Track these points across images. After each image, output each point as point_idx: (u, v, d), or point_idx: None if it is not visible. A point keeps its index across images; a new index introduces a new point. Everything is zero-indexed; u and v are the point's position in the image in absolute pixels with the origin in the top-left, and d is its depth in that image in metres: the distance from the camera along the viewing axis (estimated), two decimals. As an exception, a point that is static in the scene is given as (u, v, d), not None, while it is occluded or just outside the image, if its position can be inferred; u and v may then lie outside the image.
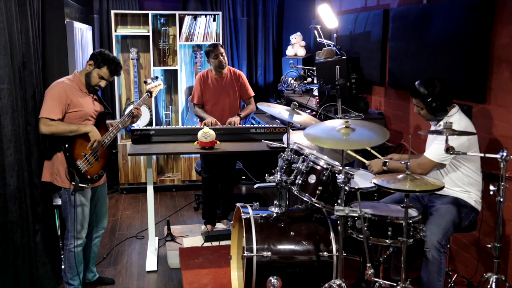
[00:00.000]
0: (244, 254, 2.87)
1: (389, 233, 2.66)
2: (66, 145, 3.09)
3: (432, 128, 3.17)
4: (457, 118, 2.94)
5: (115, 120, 3.46)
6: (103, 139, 3.23)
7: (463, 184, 2.98)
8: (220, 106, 4.51)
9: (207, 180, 4.52)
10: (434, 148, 2.94)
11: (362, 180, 3.26)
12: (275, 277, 2.86)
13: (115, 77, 5.62)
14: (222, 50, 4.45)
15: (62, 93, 3.09)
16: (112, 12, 5.60)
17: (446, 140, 2.61)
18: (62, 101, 3.07)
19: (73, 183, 3.09)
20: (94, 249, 3.53)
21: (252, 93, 4.65)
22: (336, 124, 2.84)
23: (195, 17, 5.79)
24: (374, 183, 2.55)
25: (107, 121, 3.40)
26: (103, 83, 3.24)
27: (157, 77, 4.00)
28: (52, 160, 3.17)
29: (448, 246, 2.95)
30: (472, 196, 2.98)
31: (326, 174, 2.95)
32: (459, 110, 3.01)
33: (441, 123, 3.00)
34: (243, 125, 4.41)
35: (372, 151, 3.31)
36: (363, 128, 2.80)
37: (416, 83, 3.01)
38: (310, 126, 2.98)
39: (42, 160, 3.31)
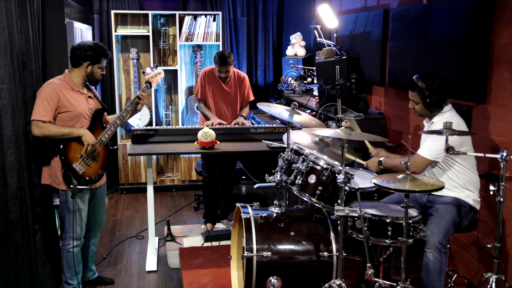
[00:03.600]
0: (244, 254, 2.87)
1: (389, 233, 2.66)
2: (61, 147, 3.06)
3: (426, 125, 3.18)
4: (449, 116, 2.97)
5: (113, 116, 3.43)
6: (100, 138, 3.21)
7: (460, 183, 2.97)
8: (221, 105, 4.51)
9: (208, 180, 4.53)
10: (427, 146, 2.95)
11: (362, 180, 3.27)
12: (275, 277, 2.86)
13: (114, 77, 5.66)
14: (228, 67, 4.31)
15: (52, 93, 3.05)
16: (112, 12, 5.60)
17: (446, 140, 2.61)
18: (53, 101, 3.04)
19: (71, 186, 3.07)
20: (92, 248, 3.53)
21: (252, 98, 4.63)
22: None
23: (195, 17, 5.79)
24: (374, 183, 2.55)
25: (106, 117, 3.39)
26: (103, 70, 3.28)
27: (157, 66, 3.90)
28: (50, 163, 3.16)
29: (448, 246, 2.95)
30: (470, 195, 2.98)
31: (326, 174, 2.95)
32: (452, 108, 3.04)
33: (434, 120, 3.03)
34: (243, 125, 4.41)
35: (367, 143, 3.37)
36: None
37: (415, 76, 3.02)
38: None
39: (42, 160, 3.31)
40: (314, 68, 5.23)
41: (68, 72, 3.21)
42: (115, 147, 3.49)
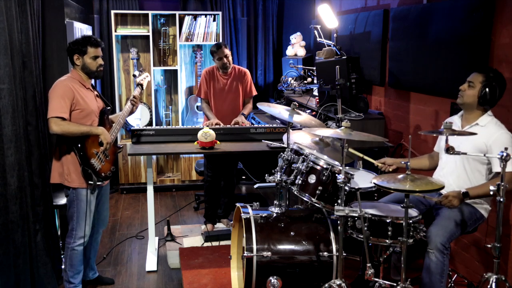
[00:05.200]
0: (244, 254, 2.87)
1: (389, 233, 2.66)
2: (79, 145, 3.09)
3: (457, 123, 3.03)
4: (497, 120, 2.89)
5: (116, 115, 3.47)
6: (110, 136, 3.24)
7: None
8: (223, 103, 4.53)
9: (210, 178, 4.54)
10: None
11: (362, 180, 3.27)
12: (275, 277, 2.86)
13: (114, 77, 5.66)
14: (226, 51, 4.43)
15: (67, 90, 3.08)
16: (112, 12, 5.60)
17: (446, 140, 2.60)
18: (68, 99, 3.07)
19: (91, 182, 3.12)
20: (94, 246, 3.54)
21: (254, 92, 4.67)
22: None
23: (195, 17, 5.79)
24: (374, 183, 2.55)
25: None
26: (100, 60, 3.24)
27: (143, 69, 3.96)
28: (61, 161, 3.16)
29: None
30: (483, 203, 2.96)
31: (326, 174, 2.95)
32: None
33: (480, 122, 2.89)
34: (243, 125, 4.41)
35: (366, 158, 3.29)
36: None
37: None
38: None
39: (42, 160, 3.31)
40: (314, 68, 5.23)
41: (75, 70, 3.24)
42: (121, 145, 3.53)
